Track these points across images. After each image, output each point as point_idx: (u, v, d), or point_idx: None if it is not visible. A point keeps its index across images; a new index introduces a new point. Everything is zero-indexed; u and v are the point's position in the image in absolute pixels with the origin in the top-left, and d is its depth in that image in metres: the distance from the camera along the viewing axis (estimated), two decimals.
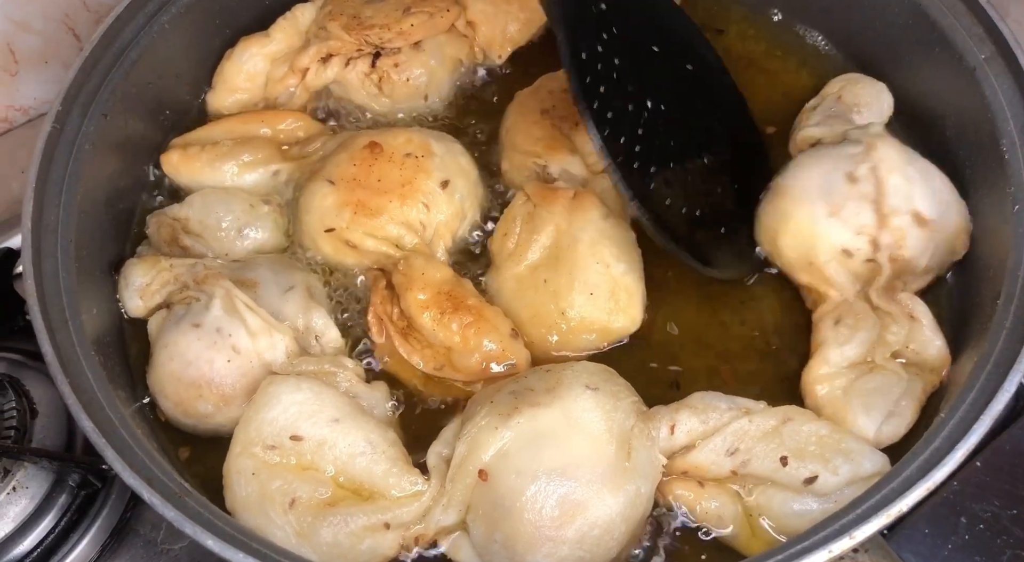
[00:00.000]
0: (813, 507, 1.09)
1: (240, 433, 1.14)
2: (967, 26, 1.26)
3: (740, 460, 1.11)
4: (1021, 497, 1.28)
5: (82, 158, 1.29)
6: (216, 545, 0.98)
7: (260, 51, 1.51)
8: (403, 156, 1.36)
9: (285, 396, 1.14)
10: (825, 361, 1.19)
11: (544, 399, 1.11)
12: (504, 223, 1.35)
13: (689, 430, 1.12)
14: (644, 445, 1.11)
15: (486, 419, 1.11)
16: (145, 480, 1.03)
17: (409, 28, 1.46)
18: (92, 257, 1.29)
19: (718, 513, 1.12)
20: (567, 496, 1.06)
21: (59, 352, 1.12)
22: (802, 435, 1.11)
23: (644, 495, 1.10)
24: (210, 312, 1.22)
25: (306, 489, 1.10)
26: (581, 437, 1.08)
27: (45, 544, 1.29)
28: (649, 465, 1.11)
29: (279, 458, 1.12)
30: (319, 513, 1.09)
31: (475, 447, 1.10)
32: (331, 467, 1.13)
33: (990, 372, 1.04)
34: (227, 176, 1.42)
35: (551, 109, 1.41)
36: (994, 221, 1.19)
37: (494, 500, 1.08)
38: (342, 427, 1.14)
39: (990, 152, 1.21)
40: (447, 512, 1.10)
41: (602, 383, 1.14)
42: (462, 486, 1.10)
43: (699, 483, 1.13)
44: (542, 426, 1.09)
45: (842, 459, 1.09)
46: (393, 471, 1.12)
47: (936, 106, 1.34)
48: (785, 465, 1.09)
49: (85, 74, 1.32)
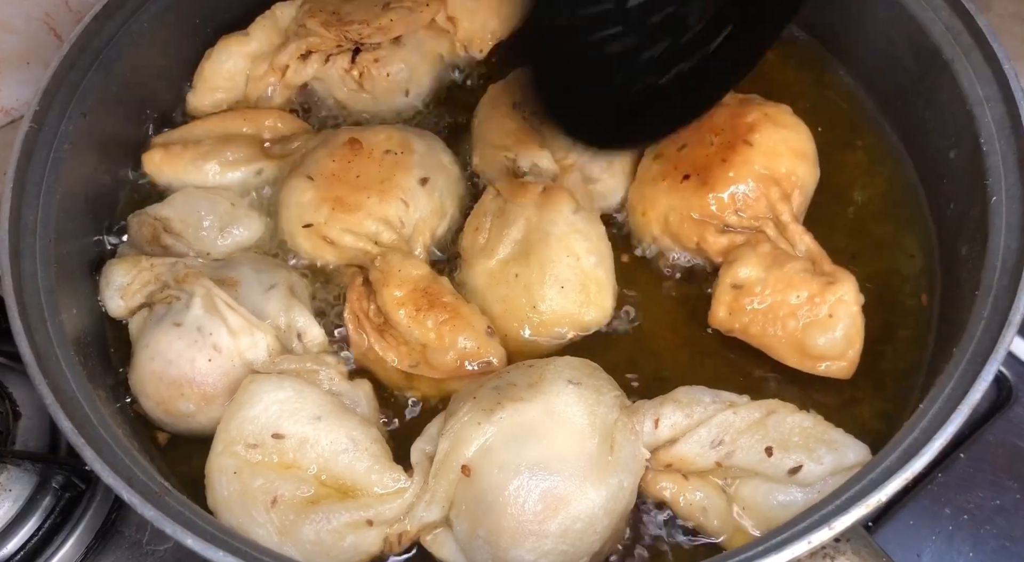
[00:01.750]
0: (797, 498, 1.09)
1: (222, 432, 1.14)
2: (945, 18, 1.26)
3: (725, 452, 1.11)
4: (1005, 488, 1.29)
5: (62, 158, 1.28)
6: (196, 544, 0.97)
7: (240, 50, 1.51)
8: (383, 153, 1.35)
9: (267, 394, 1.14)
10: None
11: (527, 394, 1.11)
12: (474, 218, 1.35)
13: (673, 424, 1.12)
14: (628, 439, 1.11)
15: (469, 414, 1.11)
16: (125, 480, 1.02)
17: (388, 23, 1.46)
18: (72, 257, 1.28)
19: (702, 505, 1.12)
20: (550, 490, 1.06)
21: (38, 352, 1.11)
22: (786, 426, 1.11)
23: (627, 488, 1.10)
24: (191, 311, 1.22)
25: (288, 487, 1.10)
26: (564, 431, 1.09)
27: (29, 546, 1.28)
28: (632, 459, 1.11)
29: (261, 456, 1.12)
30: (301, 511, 1.09)
31: (458, 443, 1.10)
32: (313, 465, 1.12)
33: (968, 362, 1.04)
34: (210, 175, 1.42)
35: (522, 102, 1.41)
36: (973, 212, 1.20)
37: (477, 495, 1.08)
38: (324, 425, 1.13)
39: (968, 144, 1.21)
40: (430, 508, 1.10)
41: (585, 378, 1.14)
42: (445, 482, 1.10)
43: (683, 476, 1.13)
44: (525, 421, 1.09)
45: (825, 449, 1.09)
46: (375, 468, 1.12)
47: (914, 98, 1.35)
48: (770, 456, 1.09)
49: (64, 73, 1.31)
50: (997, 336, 1.03)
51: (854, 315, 1.19)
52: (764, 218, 1.27)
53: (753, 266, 1.22)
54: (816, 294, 1.19)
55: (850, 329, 1.19)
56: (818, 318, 1.19)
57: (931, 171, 1.32)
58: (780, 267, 1.21)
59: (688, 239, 1.30)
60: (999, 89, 1.19)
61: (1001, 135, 1.17)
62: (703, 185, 1.28)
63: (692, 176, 1.29)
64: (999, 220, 1.13)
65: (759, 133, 1.28)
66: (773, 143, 1.28)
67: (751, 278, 1.22)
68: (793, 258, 1.23)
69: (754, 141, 1.28)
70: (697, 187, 1.28)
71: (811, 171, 1.31)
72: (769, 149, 1.27)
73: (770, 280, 1.21)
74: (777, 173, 1.27)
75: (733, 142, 1.28)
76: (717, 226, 1.28)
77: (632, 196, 1.36)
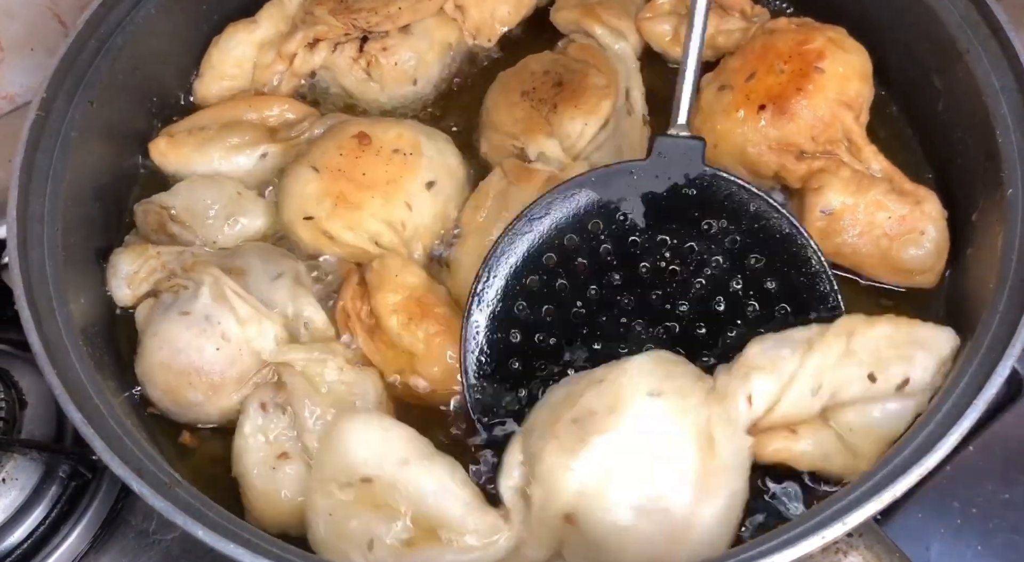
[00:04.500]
0: (907, 405, 1.07)
1: (315, 471, 1.12)
2: (961, 9, 1.26)
3: (828, 395, 1.08)
4: (1014, 481, 1.29)
5: (68, 146, 1.27)
6: (206, 535, 0.97)
7: (247, 37, 1.50)
8: (391, 152, 1.34)
9: (353, 436, 1.10)
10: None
11: (609, 422, 1.05)
12: (477, 196, 1.34)
13: (767, 393, 1.08)
14: (726, 433, 1.06)
15: (554, 457, 1.05)
16: (134, 470, 1.02)
17: (396, 11, 1.45)
18: (80, 246, 1.27)
19: (821, 452, 1.09)
20: (666, 520, 1.02)
21: (46, 342, 1.11)
22: (872, 343, 1.09)
23: (739, 489, 1.06)
24: (198, 300, 1.21)
25: (382, 528, 1.06)
26: (660, 452, 1.04)
27: (36, 535, 1.28)
28: (736, 454, 1.06)
29: (354, 496, 1.08)
30: (399, 554, 1.05)
31: (553, 491, 1.05)
32: (404, 506, 1.08)
33: (983, 357, 1.03)
34: (214, 159, 1.41)
35: (532, 91, 1.40)
36: (987, 204, 1.19)
37: (591, 541, 1.04)
38: (411, 470, 1.09)
39: (983, 136, 1.20)
40: (538, 551, 1.06)
41: (664, 382, 1.08)
42: (549, 528, 1.06)
43: (791, 430, 1.10)
44: (615, 452, 1.04)
45: (921, 352, 1.08)
46: (470, 512, 1.07)
47: (929, 89, 1.34)
48: (874, 382, 1.07)
49: (70, 60, 1.30)
50: (1013, 331, 1.02)
51: (941, 229, 1.26)
52: (838, 141, 1.30)
53: (839, 192, 1.26)
54: (906, 213, 1.25)
55: (939, 241, 1.26)
56: (910, 235, 1.25)
57: (946, 162, 1.31)
58: (866, 191, 1.26)
59: (767, 168, 1.31)
60: (1015, 80, 1.18)
61: (1017, 126, 1.17)
62: (781, 114, 1.29)
63: (768, 106, 1.30)
64: (1015, 212, 1.12)
65: (828, 59, 1.31)
66: (843, 68, 1.31)
67: (842, 203, 1.25)
68: (875, 180, 1.27)
69: (826, 67, 1.30)
70: (775, 116, 1.29)
71: (872, 90, 1.35)
72: (839, 74, 1.31)
73: (860, 204, 1.26)
74: (848, 96, 1.30)
75: (805, 70, 1.30)
76: (795, 153, 1.30)
77: (701, 131, 1.34)
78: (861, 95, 1.32)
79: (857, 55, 1.33)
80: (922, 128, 1.39)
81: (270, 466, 1.17)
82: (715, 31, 1.44)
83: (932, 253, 1.26)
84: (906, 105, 1.41)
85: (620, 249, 1.22)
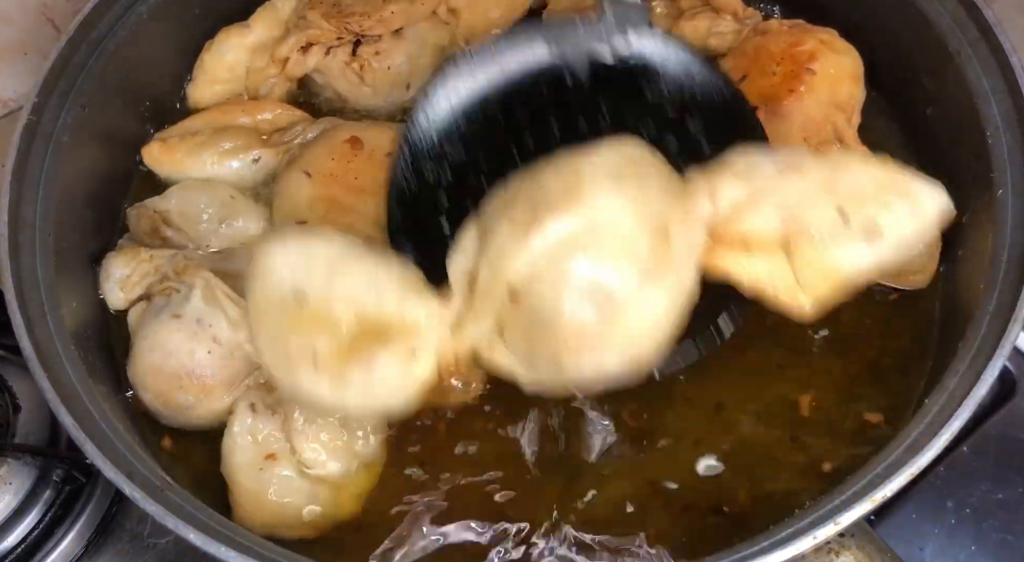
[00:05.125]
0: (857, 252, 1.00)
1: (251, 308, 1.06)
2: (951, 10, 1.26)
3: (793, 220, 1.01)
4: (1007, 481, 1.29)
5: (61, 150, 1.27)
6: (198, 539, 0.97)
7: (240, 42, 1.50)
8: (384, 155, 1.34)
9: (275, 260, 1.04)
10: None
11: (563, 203, 0.99)
12: None
13: (733, 198, 1.01)
14: (683, 228, 1.01)
15: (506, 235, 1.01)
16: (126, 474, 1.01)
17: (389, 15, 1.45)
18: (72, 250, 1.27)
19: (769, 278, 1.03)
20: (607, 301, 0.97)
21: (38, 347, 1.10)
22: (857, 183, 1.01)
23: (686, 285, 1.01)
24: (190, 303, 1.21)
25: (323, 339, 1.01)
26: (612, 237, 0.99)
27: (30, 540, 1.28)
28: (689, 249, 1.01)
29: (291, 317, 1.03)
30: (342, 359, 1.01)
31: (500, 270, 1.00)
32: (341, 314, 1.03)
33: (973, 357, 1.03)
34: (207, 164, 1.40)
35: None
36: (977, 206, 1.19)
37: (531, 319, 1.00)
38: (338, 277, 1.04)
39: (973, 137, 1.20)
40: (480, 325, 1.03)
41: (627, 167, 1.02)
42: (492, 306, 1.02)
43: (746, 247, 1.03)
44: (568, 233, 0.98)
45: (901, 200, 1.00)
46: (405, 300, 1.03)
47: (919, 91, 1.34)
48: (845, 220, 0.99)
49: (62, 64, 1.30)
50: (1003, 331, 1.02)
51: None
52: (830, 142, 1.30)
53: None
54: None
55: (931, 243, 1.25)
56: None
57: (935, 164, 1.31)
58: None
59: None
60: (1005, 81, 1.18)
61: (1007, 127, 1.17)
62: (773, 116, 1.30)
63: (760, 107, 1.30)
64: (1005, 213, 1.12)
65: (819, 61, 1.32)
66: (834, 69, 1.32)
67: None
68: None
69: (817, 69, 1.31)
70: (767, 118, 1.29)
71: (864, 92, 1.36)
72: (830, 76, 1.31)
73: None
74: (839, 98, 1.31)
75: (796, 71, 1.31)
76: None
77: None
78: (853, 96, 1.33)
79: (848, 57, 1.34)
80: (912, 129, 1.39)
81: (258, 467, 1.17)
82: (707, 33, 1.45)
83: (924, 254, 1.26)
84: (896, 106, 1.41)
85: (560, 104, 1.19)
